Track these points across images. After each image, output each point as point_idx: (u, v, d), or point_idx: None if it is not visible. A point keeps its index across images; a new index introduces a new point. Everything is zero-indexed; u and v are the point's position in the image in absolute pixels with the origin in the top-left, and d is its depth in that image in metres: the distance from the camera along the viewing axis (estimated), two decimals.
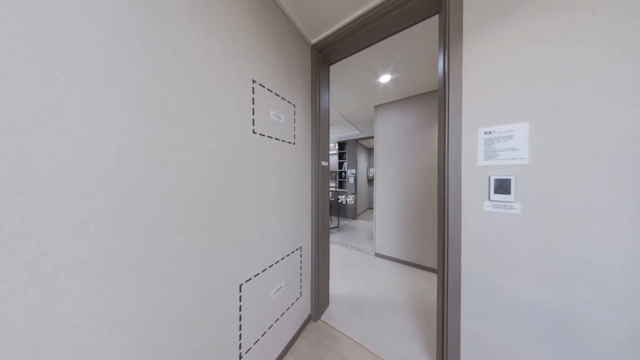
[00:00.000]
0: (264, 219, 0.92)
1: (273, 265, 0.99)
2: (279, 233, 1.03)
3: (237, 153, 0.79)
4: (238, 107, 0.79)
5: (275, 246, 1.01)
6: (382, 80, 1.92)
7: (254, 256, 0.87)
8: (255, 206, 0.87)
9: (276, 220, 1.01)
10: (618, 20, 0.56)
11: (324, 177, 1.42)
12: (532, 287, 0.67)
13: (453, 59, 0.81)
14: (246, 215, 0.83)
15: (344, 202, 4.83)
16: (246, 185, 0.82)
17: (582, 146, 0.60)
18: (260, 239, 0.90)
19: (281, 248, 1.06)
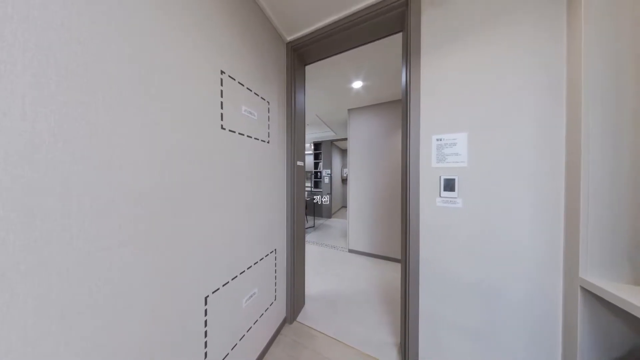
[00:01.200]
0: (234, 222, 0.85)
1: (245, 272, 0.93)
2: (251, 237, 0.97)
3: (202, 150, 0.70)
4: (204, 99, 0.71)
5: (248, 251, 0.95)
6: (354, 85, 2.04)
7: (222, 264, 0.79)
8: (224, 209, 0.80)
9: (248, 223, 0.95)
10: (519, 57, 0.74)
11: (300, 177, 1.41)
12: (469, 265, 0.82)
13: (413, 73, 0.93)
14: (213, 220, 0.75)
15: (320, 201, 4.91)
16: (213, 186, 0.75)
17: (502, 153, 0.77)
18: (229, 244, 0.83)
19: (254, 252, 1.00)
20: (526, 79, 0.73)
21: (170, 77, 0.60)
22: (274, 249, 1.19)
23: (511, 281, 0.76)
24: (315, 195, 4.91)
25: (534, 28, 0.72)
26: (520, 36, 0.74)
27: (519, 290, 0.75)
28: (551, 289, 0.71)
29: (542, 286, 0.72)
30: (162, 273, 0.58)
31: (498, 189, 0.78)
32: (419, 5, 0.91)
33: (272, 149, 1.16)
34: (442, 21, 0.87)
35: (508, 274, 0.76)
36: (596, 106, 0.61)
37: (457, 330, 0.85)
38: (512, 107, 0.75)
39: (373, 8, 1.01)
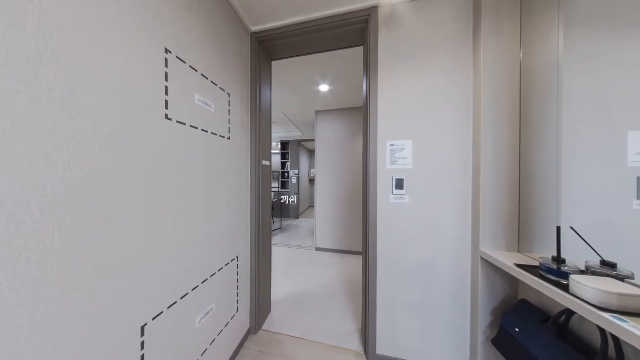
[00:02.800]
0: (184, 230, 0.73)
1: (199, 287, 0.80)
2: (207, 245, 0.85)
3: (136, 143, 0.56)
4: (139, 80, 0.57)
5: (202, 262, 0.83)
6: (321, 88, 2.10)
7: (166, 282, 0.66)
8: (170, 214, 0.67)
9: (204, 229, 0.83)
10: (445, 83, 0.95)
11: (266, 177, 1.34)
12: (413, 250, 1.00)
13: (372, 85, 1.04)
14: (153, 228, 0.61)
15: (287, 202, 4.80)
16: (154, 187, 0.61)
17: (435, 158, 0.97)
18: (177, 256, 0.70)
19: (211, 263, 0.88)
20: (449, 101, 0.95)
21: (83, 44, 0.45)
22: (235, 256, 1.08)
23: (441, 259, 0.97)
24: (283, 195, 4.76)
25: (453, 63, 0.95)
26: (445, 67, 0.95)
27: (445, 266, 0.96)
28: (464, 260, 0.94)
29: (459, 259, 0.95)
30: (70, 308, 0.43)
31: (432, 187, 0.97)
32: (377, 25, 1.03)
33: (234, 146, 1.05)
34: (394, 44, 1.01)
35: (439, 254, 0.97)
36: (487, 128, 0.86)
37: (404, 305, 1.01)
38: (441, 122, 0.96)
39: (337, 18, 1.07)
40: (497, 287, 0.86)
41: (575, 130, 0.68)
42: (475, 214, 0.90)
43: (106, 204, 0.49)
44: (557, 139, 0.71)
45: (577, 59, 0.69)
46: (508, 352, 0.74)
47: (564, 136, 0.70)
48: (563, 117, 0.70)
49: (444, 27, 0.96)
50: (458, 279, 0.95)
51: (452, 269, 0.96)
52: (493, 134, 0.85)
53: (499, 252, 0.83)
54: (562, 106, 0.70)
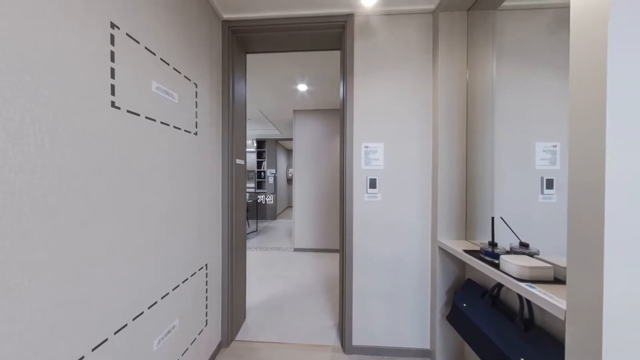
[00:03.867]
0: (136, 238, 0.62)
1: (157, 303, 0.70)
2: (168, 254, 0.75)
3: (66, 135, 0.46)
4: (73, 56, 0.46)
5: (163, 274, 0.72)
6: (300, 88, 2.08)
7: (112, 301, 0.55)
8: (117, 221, 0.56)
9: (163, 236, 0.72)
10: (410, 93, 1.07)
11: (240, 177, 1.25)
12: (384, 244, 1.09)
13: (348, 89, 1.09)
14: (92, 239, 0.51)
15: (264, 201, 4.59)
16: (92, 189, 0.51)
17: (403, 160, 1.08)
18: (127, 271, 0.59)
19: (173, 274, 0.77)
20: (413, 109, 1.07)
21: None
22: (204, 264, 0.98)
23: (408, 250, 1.08)
24: (259, 196, 4.53)
25: (417, 75, 1.07)
26: (410, 78, 1.07)
27: (411, 256, 1.08)
28: (426, 250, 1.08)
29: (422, 250, 1.08)
30: None
31: (401, 186, 1.08)
32: (353, 32, 1.08)
33: (202, 143, 0.95)
34: (369, 52, 1.08)
35: (406, 246, 1.08)
36: (442, 135, 1.00)
37: (377, 295, 1.09)
38: (407, 127, 1.07)
39: (315, 19, 1.08)
40: (450, 271, 1.01)
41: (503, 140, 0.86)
42: (434, 210, 1.03)
43: (21, 213, 0.38)
44: (492, 147, 0.89)
45: (504, 83, 0.86)
46: (459, 325, 0.88)
47: (497, 145, 0.87)
48: (496, 129, 0.87)
49: (410, 43, 1.07)
50: (421, 266, 1.07)
51: (417, 258, 1.08)
52: (447, 141, 0.99)
53: (452, 240, 0.98)
54: (495, 120, 0.88)
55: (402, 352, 1.08)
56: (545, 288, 0.54)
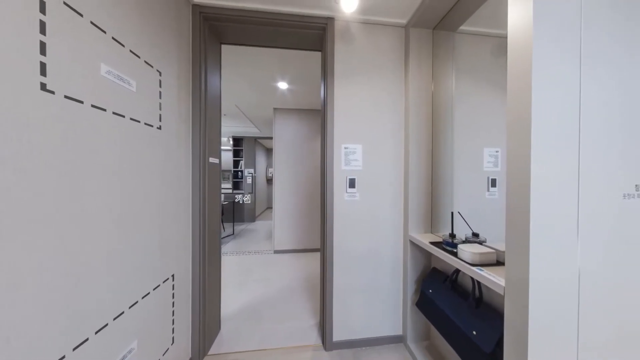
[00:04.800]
0: (78, 250, 0.52)
1: (109, 325, 0.60)
2: (122, 267, 0.64)
3: None
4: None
5: (114, 291, 0.62)
6: (280, 86, 2.03)
7: (45, 329, 0.45)
8: (50, 229, 0.46)
9: (115, 246, 0.62)
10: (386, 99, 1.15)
11: (214, 177, 1.16)
12: (363, 241, 1.14)
13: (329, 91, 1.11)
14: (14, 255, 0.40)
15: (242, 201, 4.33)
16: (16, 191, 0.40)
17: (379, 161, 1.15)
18: (65, 291, 0.49)
19: (129, 289, 0.67)
20: (388, 114, 1.15)
21: None
22: (170, 275, 0.87)
23: (383, 245, 1.16)
24: (237, 196, 4.26)
25: (392, 83, 1.15)
26: (386, 85, 1.15)
27: (386, 250, 1.16)
28: (399, 245, 1.17)
29: (396, 244, 1.17)
30: None
31: (377, 185, 1.15)
32: (333, 36, 1.10)
33: (168, 138, 0.85)
34: (348, 57, 1.12)
35: (382, 241, 1.15)
36: (414, 139, 1.10)
37: (356, 290, 1.14)
38: (383, 131, 1.15)
39: (296, 18, 1.07)
40: (419, 262, 1.12)
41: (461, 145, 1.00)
42: (406, 207, 1.13)
43: None
44: (452, 151, 1.02)
45: (462, 96, 1.00)
46: (426, 309, 0.98)
47: (455, 149, 1.01)
48: (455, 136, 1.01)
49: (385, 52, 1.14)
50: (395, 259, 1.16)
51: (391, 252, 1.16)
52: (416, 145, 1.10)
53: (420, 234, 1.09)
54: (454, 128, 1.01)
55: (378, 340, 1.15)
56: (490, 270, 0.65)
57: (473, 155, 0.96)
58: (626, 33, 0.52)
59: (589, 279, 0.51)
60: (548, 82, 0.49)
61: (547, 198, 0.49)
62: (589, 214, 0.51)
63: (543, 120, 0.48)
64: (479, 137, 0.95)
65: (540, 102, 0.48)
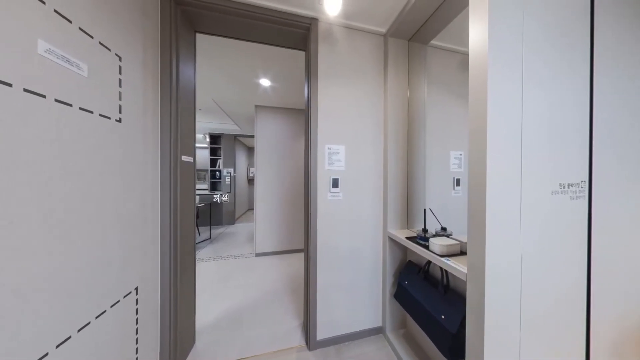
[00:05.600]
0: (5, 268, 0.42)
1: (48, 355, 0.50)
2: (70, 284, 0.55)
3: None
4: None
5: (57, 314, 0.52)
6: (262, 82, 1.96)
7: None
8: None
9: (58, 260, 0.52)
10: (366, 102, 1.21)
11: (187, 177, 1.06)
12: (345, 239, 1.18)
13: (313, 92, 1.11)
14: None
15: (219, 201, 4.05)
16: None
17: (361, 161, 1.19)
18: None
19: (77, 310, 0.57)
20: (370, 116, 1.21)
21: None
22: (133, 288, 0.77)
23: (365, 243, 1.21)
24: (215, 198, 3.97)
25: (373, 87, 1.21)
26: (368, 89, 1.20)
27: (368, 248, 1.21)
28: (379, 241, 1.23)
29: (376, 241, 1.23)
30: None
31: (359, 185, 1.19)
32: (317, 37, 1.11)
33: (130, 133, 0.75)
34: (332, 59, 1.14)
35: (364, 239, 1.20)
36: (392, 141, 1.17)
37: (339, 287, 1.17)
38: (364, 133, 1.20)
39: (279, 14, 1.05)
40: (397, 256, 1.20)
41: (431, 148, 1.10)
42: (385, 205, 1.20)
43: None
44: (424, 153, 1.11)
45: (433, 104, 1.10)
46: (403, 300, 1.05)
47: (427, 151, 1.10)
48: (427, 139, 1.10)
49: (367, 58, 1.20)
50: (375, 255, 1.22)
51: (372, 249, 1.22)
52: (394, 146, 1.18)
53: (398, 230, 1.17)
54: (427, 132, 1.11)
55: (360, 334, 1.19)
56: (455, 259, 0.73)
57: (441, 157, 1.07)
58: (554, 61, 0.64)
59: (528, 261, 0.61)
60: (499, 98, 0.57)
61: (498, 195, 0.57)
62: (528, 207, 0.61)
63: (496, 129, 0.57)
64: (447, 142, 1.07)
65: (493, 113, 0.56)
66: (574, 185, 0.67)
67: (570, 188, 0.66)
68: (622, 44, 0.74)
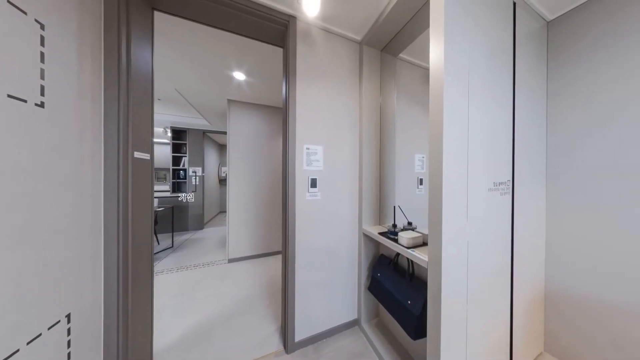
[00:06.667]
0: None
1: None
2: None
3: None
4: None
5: None
6: (236, 76, 1.83)
7: None
8: None
9: None
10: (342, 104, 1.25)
11: (142, 178, 0.91)
12: (323, 238, 1.20)
13: (291, 90, 1.09)
14: None
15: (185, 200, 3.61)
16: None
17: (338, 162, 1.23)
18: None
19: None
20: (346, 118, 1.26)
21: None
22: (63, 316, 0.62)
23: (342, 240, 1.25)
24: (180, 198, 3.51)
25: (349, 90, 1.26)
26: (344, 91, 1.25)
27: (344, 244, 1.26)
28: (355, 238, 1.29)
29: (352, 238, 1.28)
30: None
31: (337, 185, 1.23)
32: (295, 35, 1.09)
33: (59, 121, 0.60)
34: (311, 59, 1.14)
35: (342, 237, 1.25)
36: (366, 143, 1.25)
37: (317, 286, 1.18)
38: (341, 134, 1.24)
39: (255, 5, 1.00)
40: (371, 251, 1.28)
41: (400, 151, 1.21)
42: (360, 203, 1.27)
43: None
44: (394, 155, 1.22)
45: (401, 111, 1.22)
46: (376, 291, 1.13)
47: (397, 153, 1.21)
48: (396, 143, 1.21)
49: (344, 62, 1.24)
50: (351, 252, 1.28)
51: (349, 245, 1.27)
52: (368, 148, 1.25)
53: (371, 227, 1.25)
54: (396, 136, 1.21)
55: (338, 329, 1.23)
56: (419, 250, 0.82)
57: (408, 159, 1.19)
58: (490, 84, 0.78)
59: (472, 247, 0.74)
60: (452, 110, 0.67)
61: (451, 193, 0.67)
62: (472, 202, 0.73)
63: (449, 137, 0.66)
64: (413, 145, 1.20)
65: (448, 123, 0.66)
66: (503, 184, 0.83)
67: (500, 186, 0.82)
68: (531, 74, 0.95)
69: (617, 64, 0.82)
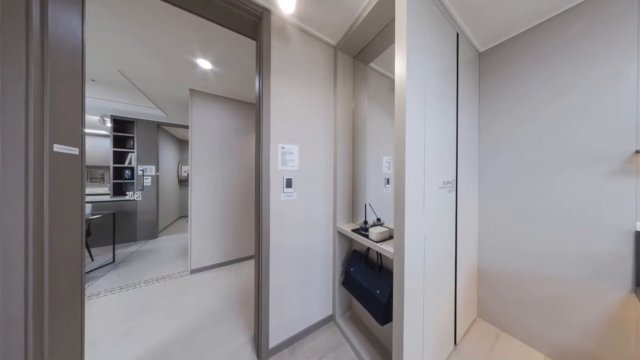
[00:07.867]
0: None
1: None
2: None
3: None
4: None
5: None
6: (201, 64, 1.64)
7: None
8: None
9: None
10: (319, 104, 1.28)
11: (67, 177, 0.72)
12: (299, 238, 1.19)
13: (265, 87, 1.05)
14: None
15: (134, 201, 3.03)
16: None
17: (314, 161, 1.24)
18: None
19: None
20: (322, 118, 1.28)
21: None
22: None
23: (317, 239, 1.27)
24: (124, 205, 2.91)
25: (325, 92, 1.30)
26: (320, 92, 1.27)
27: (319, 243, 1.28)
28: (330, 236, 1.33)
29: (327, 236, 1.32)
30: None
31: (312, 184, 1.24)
32: (269, 29, 1.05)
33: None
34: (285, 56, 1.12)
35: (316, 235, 1.26)
36: (340, 144, 1.30)
37: (292, 287, 1.16)
38: (317, 134, 1.26)
39: None
40: (345, 247, 1.34)
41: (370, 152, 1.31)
42: (335, 202, 1.31)
43: None
44: (365, 156, 1.31)
45: (372, 116, 1.31)
46: (349, 286, 1.19)
47: (367, 155, 1.30)
48: (367, 145, 1.31)
49: (319, 63, 1.26)
50: (327, 249, 1.31)
51: (324, 244, 1.30)
52: (342, 149, 1.31)
53: (345, 224, 1.31)
54: (367, 139, 1.31)
55: (314, 327, 1.24)
56: (386, 243, 0.91)
57: (377, 160, 1.31)
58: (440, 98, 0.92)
59: (428, 239, 0.86)
60: (413, 118, 0.76)
61: (412, 191, 0.77)
62: (427, 199, 0.85)
63: (411, 141, 0.76)
64: (381, 148, 1.32)
65: (409, 129, 0.75)
66: (450, 183, 1.00)
67: (448, 185, 0.99)
68: (468, 93, 1.18)
69: (521, 91, 1.11)
